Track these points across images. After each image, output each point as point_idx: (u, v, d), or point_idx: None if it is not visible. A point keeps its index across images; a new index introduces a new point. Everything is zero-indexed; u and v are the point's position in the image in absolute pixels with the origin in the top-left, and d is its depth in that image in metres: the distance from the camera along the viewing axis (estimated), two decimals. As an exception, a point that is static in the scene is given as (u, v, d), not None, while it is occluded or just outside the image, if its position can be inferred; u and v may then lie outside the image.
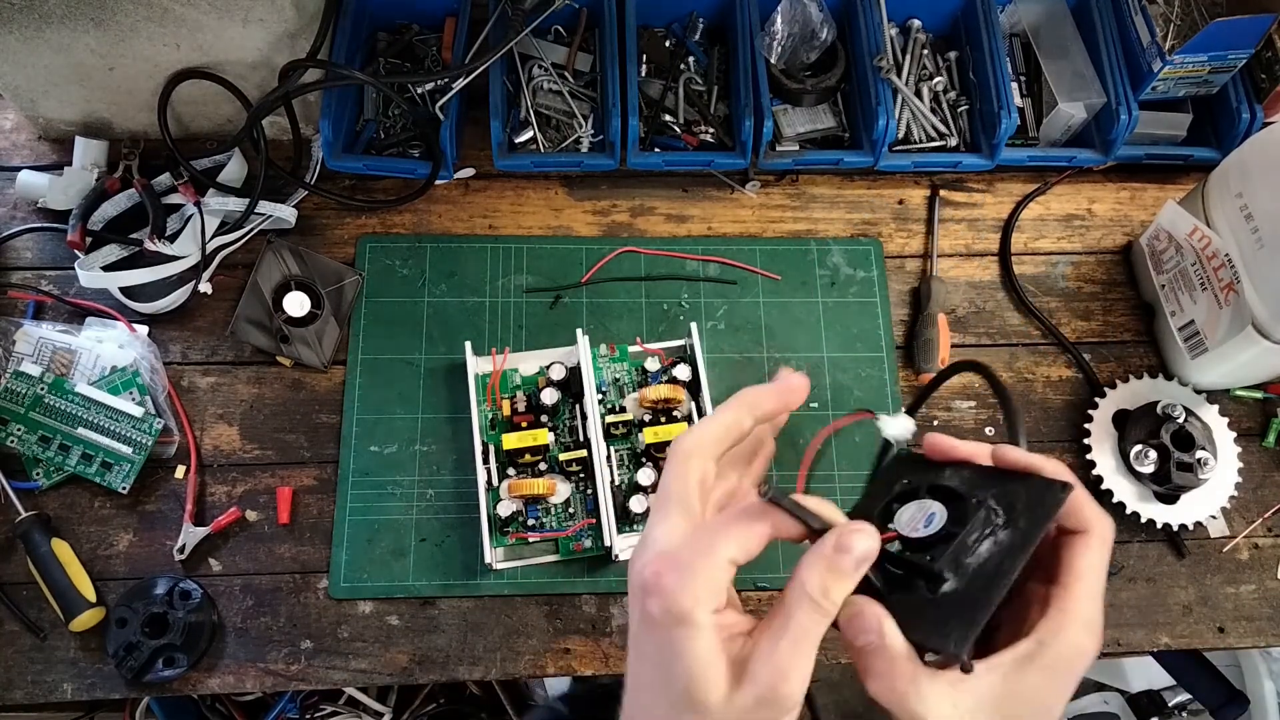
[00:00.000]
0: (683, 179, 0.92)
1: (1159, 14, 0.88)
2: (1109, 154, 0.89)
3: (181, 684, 0.72)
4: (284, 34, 0.80)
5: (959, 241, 0.91)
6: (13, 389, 0.75)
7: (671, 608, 0.33)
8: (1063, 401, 0.85)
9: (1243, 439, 0.81)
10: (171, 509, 0.77)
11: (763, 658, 0.33)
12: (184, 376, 0.81)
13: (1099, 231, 0.92)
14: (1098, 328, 0.88)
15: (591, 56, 0.93)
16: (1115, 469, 0.79)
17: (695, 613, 0.33)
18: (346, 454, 0.79)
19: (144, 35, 0.78)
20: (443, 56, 0.90)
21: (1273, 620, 0.78)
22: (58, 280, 0.84)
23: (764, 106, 0.85)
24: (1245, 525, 0.81)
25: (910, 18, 0.94)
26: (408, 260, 0.86)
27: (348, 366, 0.82)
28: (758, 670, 0.33)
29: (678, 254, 0.88)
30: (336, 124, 0.86)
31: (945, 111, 0.93)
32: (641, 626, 0.34)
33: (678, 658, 0.33)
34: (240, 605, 0.75)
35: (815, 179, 0.92)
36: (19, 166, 0.87)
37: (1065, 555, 0.37)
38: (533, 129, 0.89)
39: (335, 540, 0.77)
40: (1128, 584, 0.79)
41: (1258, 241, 0.73)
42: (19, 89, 0.84)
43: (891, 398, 0.84)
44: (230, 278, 0.85)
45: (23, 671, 0.72)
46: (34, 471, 0.76)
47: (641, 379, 0.81)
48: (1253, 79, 0.89)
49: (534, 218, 0.89)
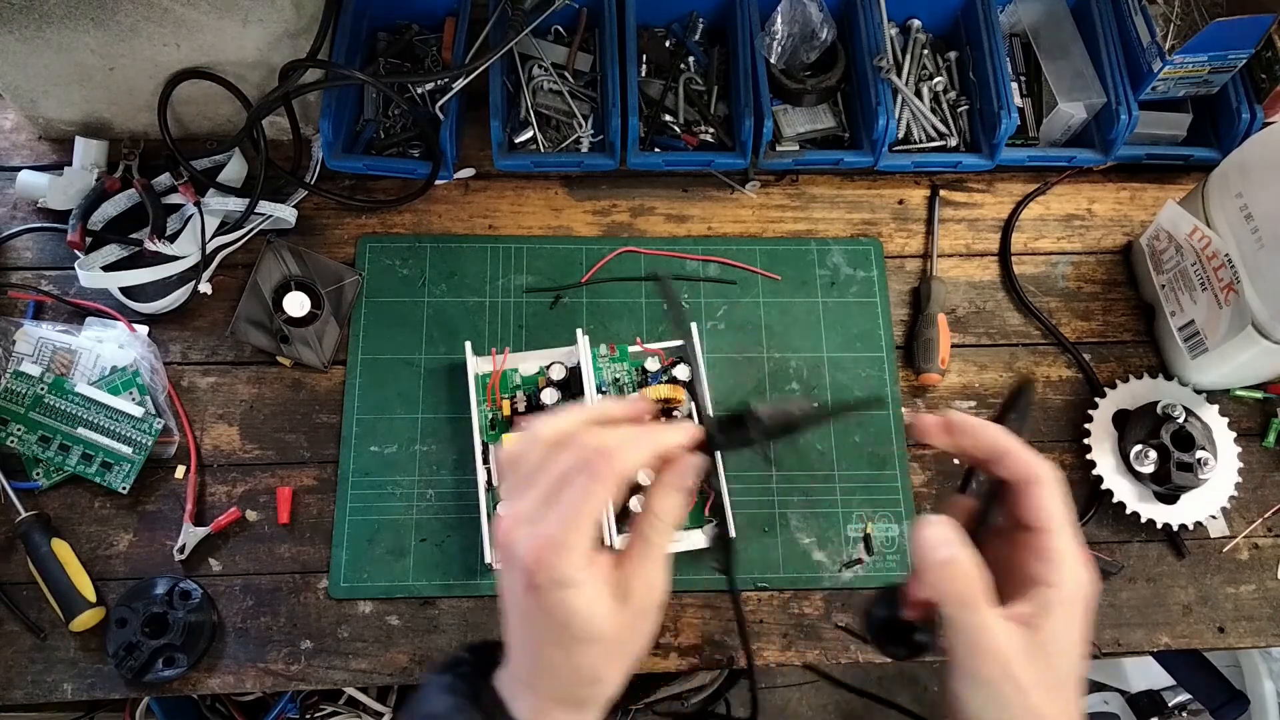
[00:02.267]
0: (683, 179, 0.92)
1: (1159, 14, 0.88)
2: (1109, 154, 0.89)
3: (181, 684, 0.72)
4: (284, 34, 0.80)
5: (959, 241, 0.91)
6: (13, 389, 0.75)
7: (557, 578, 0.39)
8: (1063, 401, 0.85)
9: (1243, 439, 0.81)
10: (171, 509, 0.77)
11: (638, 580, 0.41)
12: (184, 376, 0.81)
13: (1099, 231, 0.92)
14: (1098, 328, 0.88)
15: (591, 56, 0.93)
16: (1115, 469, 0.79)
17: (576, 575, 0.39)
18: (346, 454, 0.79)
19: (144, 35, 0.78)
20: (443, 56, 0.90)
21: (1273, 620, 0.78)
22: (58, 280, 0.84)
23: (764, 106, 0.85)
24: (1245, 525, 0.81)
25: (910, 18, 0.94)
26: (408, 260, 0.86)
27: (348, 366, 0.82)
28: (635, 589, 0.41)
29: (678, 254, 0.88)
30: (336, 124, 0.86)
31: (945, 111, 0.93)
32: (528, 596, 0.40)
33: (571, 612, 0.40)
34: (240, 605, 0.75)
35: (815, 179, 0.92)
36: (19, 166, 0.87)
37: (1032, 504, 0.43)
38: (533, 129, 0.89)
39: (335, 540, 0.77)
40: (1128, 584, 0.79)
41: (1258, 241, 0.73)
42: (19, 89, 0.84)
43: (891, 398, 0.84)
44: (230, 278, 0.85)
45: (23, 671, 0.72)
46: (34, 471, 0.76)
47: (641, 379, 0.81)
48: (1253, 79, 0.89)
49: (534, 218, 0.89)
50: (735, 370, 0.84)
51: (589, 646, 0.41)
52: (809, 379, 0.84)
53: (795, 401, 0.59)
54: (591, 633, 0.40)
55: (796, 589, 0.77)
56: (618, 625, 0.41)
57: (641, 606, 0.41)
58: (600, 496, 0.40)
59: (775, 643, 0.76)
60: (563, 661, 0.41)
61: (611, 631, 0.40)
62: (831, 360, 0.85)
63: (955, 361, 0.86)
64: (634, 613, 0.41)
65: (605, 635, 0.40)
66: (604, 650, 0.41)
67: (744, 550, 0.78)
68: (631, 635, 0.42)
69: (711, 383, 0.80)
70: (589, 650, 0.41)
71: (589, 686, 0.42)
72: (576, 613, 0.40)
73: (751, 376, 0.84)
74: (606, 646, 0.41)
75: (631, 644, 0.42)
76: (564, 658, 0.41)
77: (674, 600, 0.76)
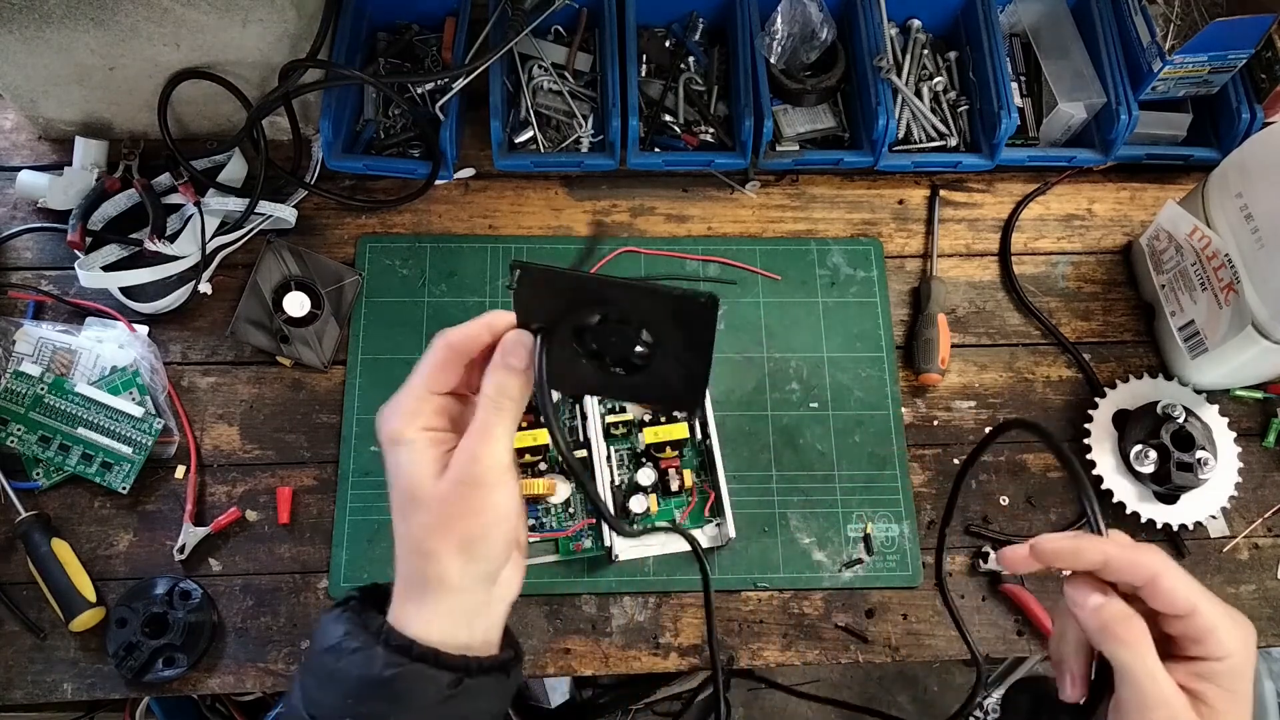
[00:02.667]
0: (683, 179, 0.92)
1: (1159, 14, 0.88)
2: (1109, 154, 0.89)
3: (181, 684, 0.72)
4: (284, 34, 0.80)
5: (959, 241, 0.91)
6: (13, 389, 0.75)
7: (389, 434, 0.44)
8: (1063, 401, 0.85)
9: (1243, 439, 0.81)
10: (171, 509, 0.77)
11: (458, 450, 0.43)
12: (184, 376, 0.81)
13: (1099, 231, 0.92)
14: (1098, 328, 0.88)
15: (591, 56, 0.93)
16: (1115, 469, 0.79)
17: (405, 432, 0.44)
18: (346, 454, 0.79)
19: (144, 35, 0.78)
20: (443, 56, 0.90)
21: (1273, 620, 0.78)
22: (58, 280, 0.84)
23: (764, 106, 0.85)
24: (1245, 525, 0.81)
25: (910, 18, 0.94)
26: (408, 260, 0.86)
27: (348, 366, 0.82)
28: (454, 459, 0.43)
29: (678, 254, 0.88)
30: (336, 124, 0.86)
31: (945, 111, 0.93)
32: (383, 458, 0.44)
33: (399, 466, 0.43)
34: (240, 605, 0.75)
35: (815, 179, 0.92)
36: (19, 166, 0.87)
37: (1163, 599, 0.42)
38: (533, 129, 0.89)
39: (335, 540, 0.77)
40: (1128, 584, 0.79)
41: (1258, 241, 0.73)
42: (19, 89, 0.84)
43: (891, 398, 0.84)
44: (230, 278, 0.85)
45: (23, 671, 0.72)
46: (34, 471, 0.76)
47: (641, 379, 0.81)
48: (1253, 79, 0.89)
49: (534, 218, 0.89)
50: (735, 370, 0.84)
51: (415, 510, 0.43)
52: (809, 379, 0.84)
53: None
54: (415, 492, 0.43)
55: (796, 589, 0.77)
56: (441, 492, 0.42)
57: (458, 477, 0.42)
58: (429, 364, 0.45)
59: (775, 643, 0.76)
60: (402, 533, 0.44)
61: (434, 495, 0.42)
62: (831, 360, 0.85)
63: (955, 361, 0.86)
64: (457, 480, 0.42)
65: (427, 497, 0.42)
66: (430, 518, 0.43)
67: (744, 550, 0.78)
68: (458, 508, 0.42)
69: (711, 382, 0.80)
70: (416, 515, 0.43)
71: (423, 561, 0.43)
72: (401, 468, 0.43)
73: (751, 377, 0.84)
74: (430, 513, 0.43)
75: (460, 519, 0.42)
76: (402, 527, 0.44)
77: (674, 600, 0.77)
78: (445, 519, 0.42)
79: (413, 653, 0.41)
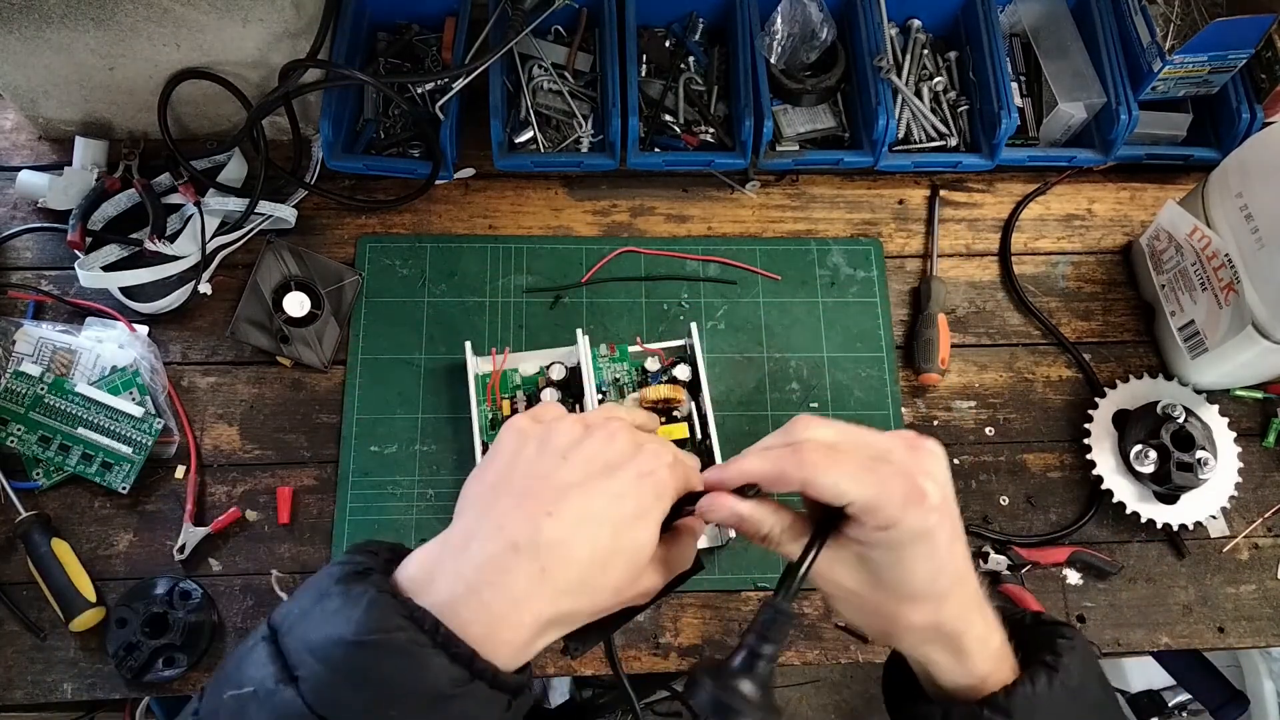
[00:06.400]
0: (683, 179, 0.92)
1: (1159, 14, 0.88)
2: (1109, 154, 0.89)
3: (181, 684, 0.72)
4: (284, 34, 0.80)
5: (959, 241, 0.91)
6: (13, 389, 0.75)
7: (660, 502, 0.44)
8: (1063, 401, 0.85)
9: (1243, 439, 0.81)
10: (171, 509, 0.77)
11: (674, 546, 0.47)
12: (184, 376, 0.81)
13: (1099, 231, 0.92)
14: (1098, 328, 0.88)
15: (591, 56, 0.93)
16: (1115, 469, 0.79)
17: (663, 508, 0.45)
18: (346, 454, 0.79)
19: (144, 35, 0.78)
20: (443, 56, 0.90)
21: (1273, 620, 0.78)
22: (58, 280, 0.84)
23: (764, 106, 0.85)
24: (1245, 525, 0.81)
25: (910, 18, 0.94)
26: (408, 260, 0.86)
27: (348, 366, 0.82)
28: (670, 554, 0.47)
29: (678, 254, 0.88)
30: (336, 124, 0.86)
31: (945, 111, 0.93)
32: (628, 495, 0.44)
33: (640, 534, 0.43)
34: (240, 605, 0.75)
35: (815, 179, 0.92)
36: (19, 166, 0.87)
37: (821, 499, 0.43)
38: (533, 129, 0.89)
39: (335, 540, 0.77)
40: (1128, 584, 0.79)
41: (1258, 241, 0.73)
42: (19, 89, 0.84)
43: (891, 398, 0.84)
44: (230, 278, 0.85)
45: (23, 671, 0.72)
46: (34, 471, 0.76)
47: (641, 379, 0.81)
48: (1253, 79, 0.89)
49: (534, 218, 0.89)
50: (735, 370, 0.84)
51: (627, 566, 0.43)
52: (809, 379, 0.84)
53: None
54: (639, 560, 0.43)
55: (796, 589, 0.77)
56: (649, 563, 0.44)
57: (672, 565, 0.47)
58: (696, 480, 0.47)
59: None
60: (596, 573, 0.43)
61: (642, 565, 0.44)
62: (831, 360, 0.85)
63: (955, 361, 0.86)
64: (660, 561, 0.45)
65: (642, 564, 0.44)
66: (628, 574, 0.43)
67: (744, 550, 0.78)
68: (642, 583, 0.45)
69: (711, 382, 0.80)
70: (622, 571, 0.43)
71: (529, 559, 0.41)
72: (643, 536, 0.43)
73: (751, 376, 0.84)
74: (633, 574, 0.44)
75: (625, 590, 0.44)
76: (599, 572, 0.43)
77: (674, 600, 0.76)
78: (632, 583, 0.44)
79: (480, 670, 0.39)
